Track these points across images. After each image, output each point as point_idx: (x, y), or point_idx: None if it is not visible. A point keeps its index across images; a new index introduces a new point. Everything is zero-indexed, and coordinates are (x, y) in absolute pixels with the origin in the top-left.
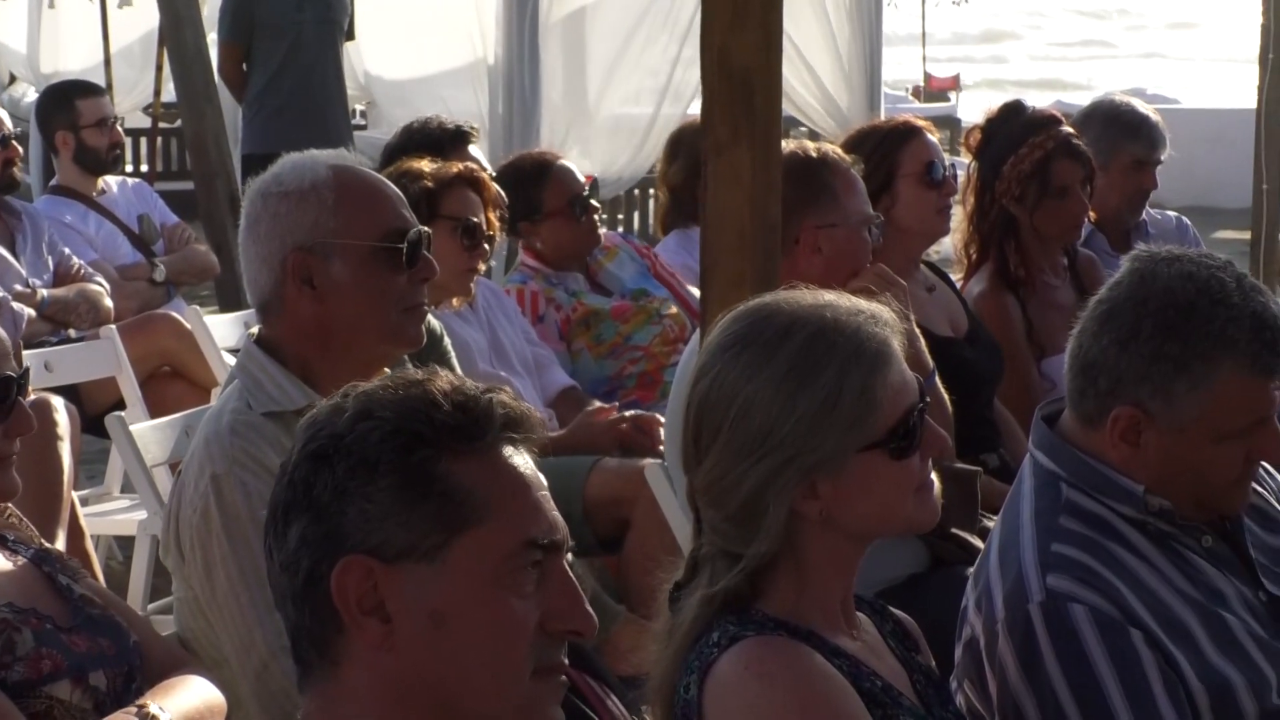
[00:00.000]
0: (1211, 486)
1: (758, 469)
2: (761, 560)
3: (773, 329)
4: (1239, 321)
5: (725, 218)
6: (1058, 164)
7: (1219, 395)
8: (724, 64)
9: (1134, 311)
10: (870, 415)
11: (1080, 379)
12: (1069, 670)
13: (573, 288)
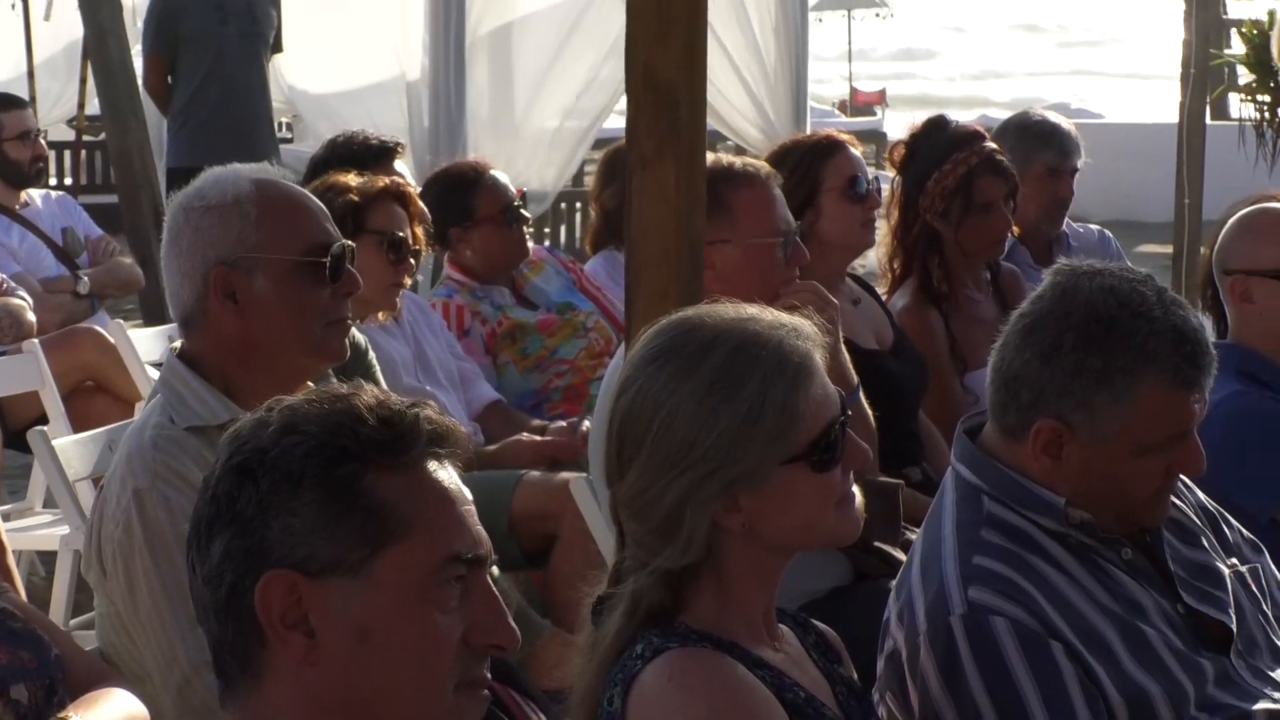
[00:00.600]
0: (1132, 499)
1: (680, 482)
2: (684, 572)
3: (695, 343)
4: (1160, 335)
5: (649, 232)
6: (981, 180)
7: (1140, 408)
8: (649, 79)
9: (1056, 325)
10: (792, 429)
11: (1002, 392)
12: (990, 682)
13: (498, 301)
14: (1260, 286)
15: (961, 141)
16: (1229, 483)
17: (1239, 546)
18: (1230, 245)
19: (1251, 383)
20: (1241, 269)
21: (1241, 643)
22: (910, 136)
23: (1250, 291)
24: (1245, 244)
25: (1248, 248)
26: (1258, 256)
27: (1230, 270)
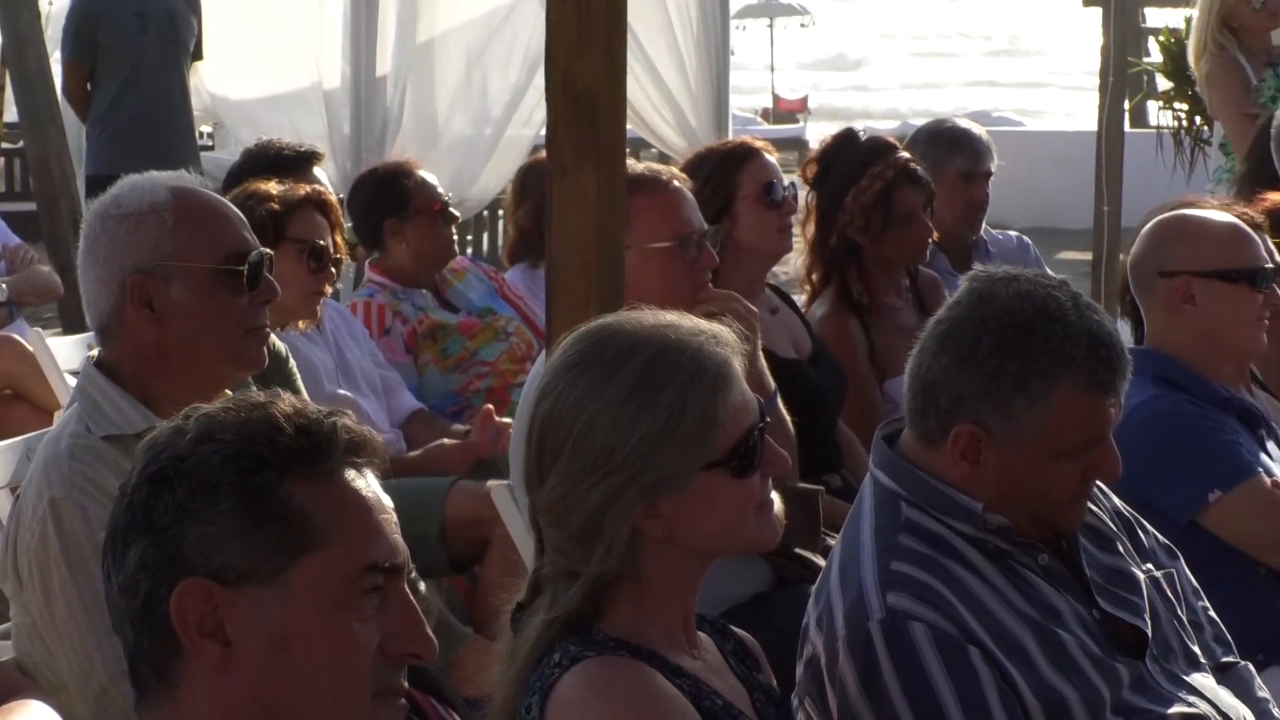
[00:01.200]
0: (1049, 503)
1: (599, 488)
2: (603, 579)
3: (614, 349)
4: (1076, 339)
5: (570, 240)
6: (899, 192)
7: (1057, 412)
8: (569, 87)
9: (973, 331)
10: (711, 434)
11: (920, 398)
12: (908, 687)
13: (420, 303)
14: (1203, 287)
15: (875, 155)
16: (1148, 487)
17: (1154, 552)
18: (1168, 248)
19: (1169, 387)
20: (1186, 270)
21: (1156, 647)
22: (821, 151)
23: (1192, 293)
24: (1188, 246)
25: (1191, 250)
26: (1202, 258)
27: (1171, 272)
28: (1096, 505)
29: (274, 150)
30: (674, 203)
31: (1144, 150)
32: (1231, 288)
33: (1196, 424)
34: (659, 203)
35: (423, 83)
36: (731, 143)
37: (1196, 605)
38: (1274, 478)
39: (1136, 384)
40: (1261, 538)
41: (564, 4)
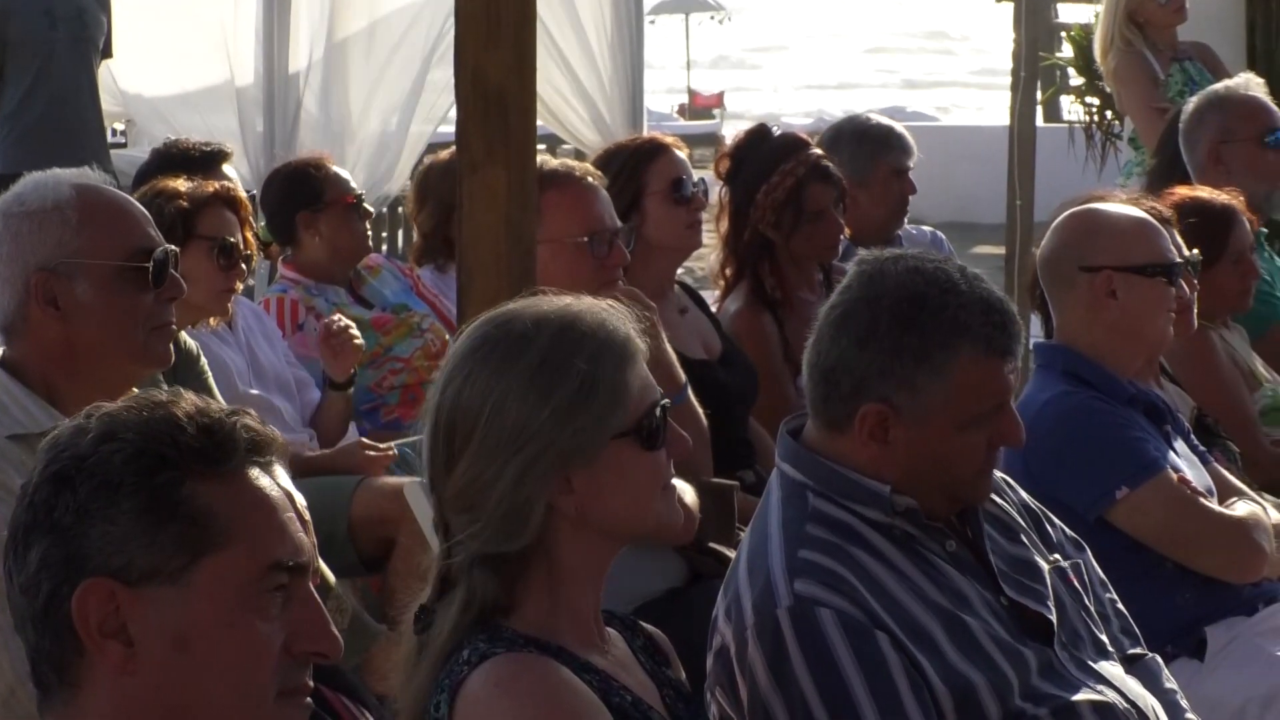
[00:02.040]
0: (958, 476)
1: (514, 463)
2: (516, 565)
3: (517, 329)
4: (969, 307)
5: (481, 236)
6: (810, 189)
7: (959, 381)
8: (478, 83)
9: (868, 310)
10: (622, 403)
11: (822, 385)
12: (817, 673)
13: (334, 299)
14: (1123, 282)
15: (787, 151)
16: (1058, 482)
17: (1061, 544)
18: (1090, 242)
19: (1078, 384)
20: (1109, 265)
21: (1065, 635)
22: (734, 148)
23: (1114, 287)
24: (1110, 241)
25: (1112, 244)
26: (1124, 252)
27: (1094, 266)
28: (1003, 498)
29: (182, 149)
30: (585, 199)
31: (1057, 145)
32: (1150, 282)
33: (1105, 421)
34: (569, 198)
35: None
36: (640, 139)
37: (1104, 597)
38: (1180, 474)
39: (1046, 379)
40: (1167, 533)
41: (472, 0)
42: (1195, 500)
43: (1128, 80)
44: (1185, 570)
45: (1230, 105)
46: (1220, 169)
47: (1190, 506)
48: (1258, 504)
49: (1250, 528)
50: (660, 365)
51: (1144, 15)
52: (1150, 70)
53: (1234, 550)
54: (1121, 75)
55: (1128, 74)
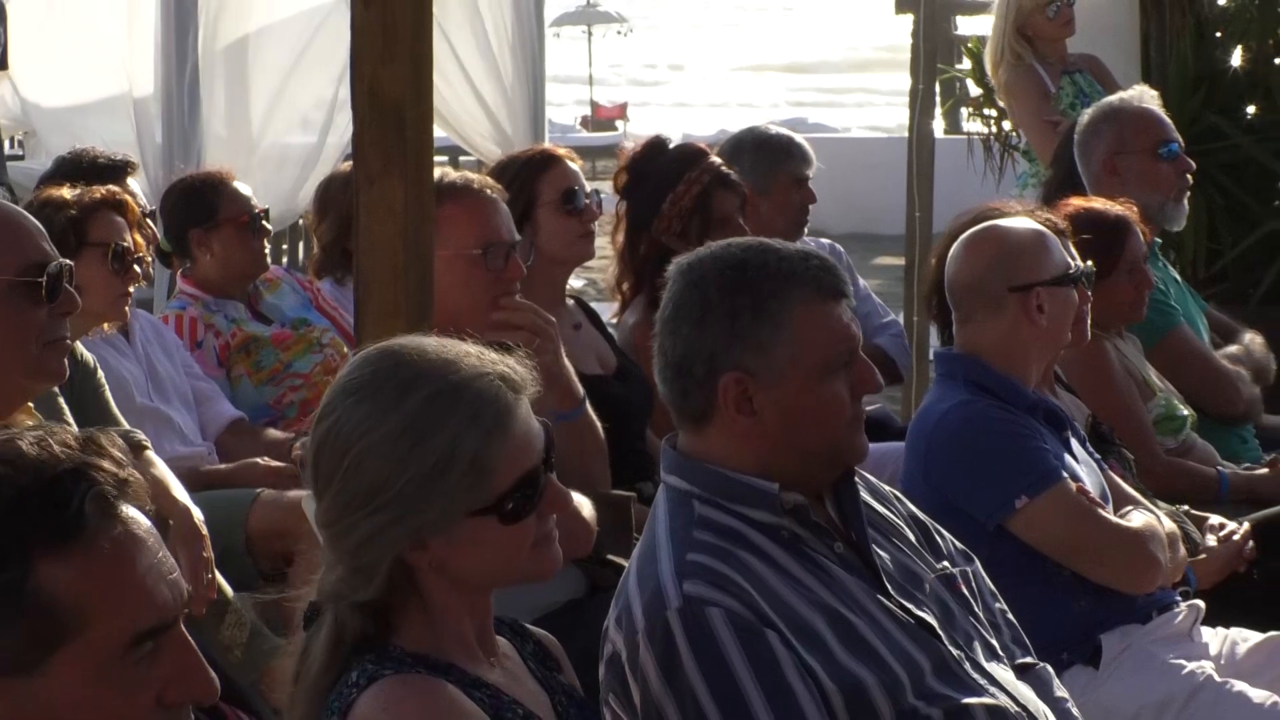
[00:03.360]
0: (831, 432)
1: (366, 523)
2: (387, 601)
3: (395, 382)
4: (789, 259)
5: (378, 249)
6: (716, 196)
7: (800, 327)
8: (374, 95)
9: (696, 291)
10: (481, 482)
11: (678, 381)
12: (708, 672)
13: (233, 315)
14: (1049, 295)
15: (689, 161)
16: (958, 490)
17: (951, 554)
18: (1015, 262)
19: (980, 392)
20: (1037, 281)
21: (959, 639)
22: (631, 160)
23: (1042, 303)
24: (1032, 258)
25: (1034, 261)
26: (1044, 266)
27: (1023, 285)
28: (890, 509)
29: (87, 159)
30: (481, 211)
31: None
32: (1065, 291)
33: (1006, 430)
34: (465, 211)
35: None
36: (532, 150)
37: (994, 606)
38: (1079, 482)
39: (948, 388)
40: (1065, 542)
41: (369, 12)
42: (1093, 510)
43: (1019, 93)
44: (1081, 578)
45: (1124, 117)
46: (1115, 180)
47: (1088, 517)
48: (1152, 513)
49: (1146, 539)
50: (559, 381)
51: (1033, 29)
52: (1041, 83)
53: (1130, 561)
54: (1013, 89)
55: (1019, 87)
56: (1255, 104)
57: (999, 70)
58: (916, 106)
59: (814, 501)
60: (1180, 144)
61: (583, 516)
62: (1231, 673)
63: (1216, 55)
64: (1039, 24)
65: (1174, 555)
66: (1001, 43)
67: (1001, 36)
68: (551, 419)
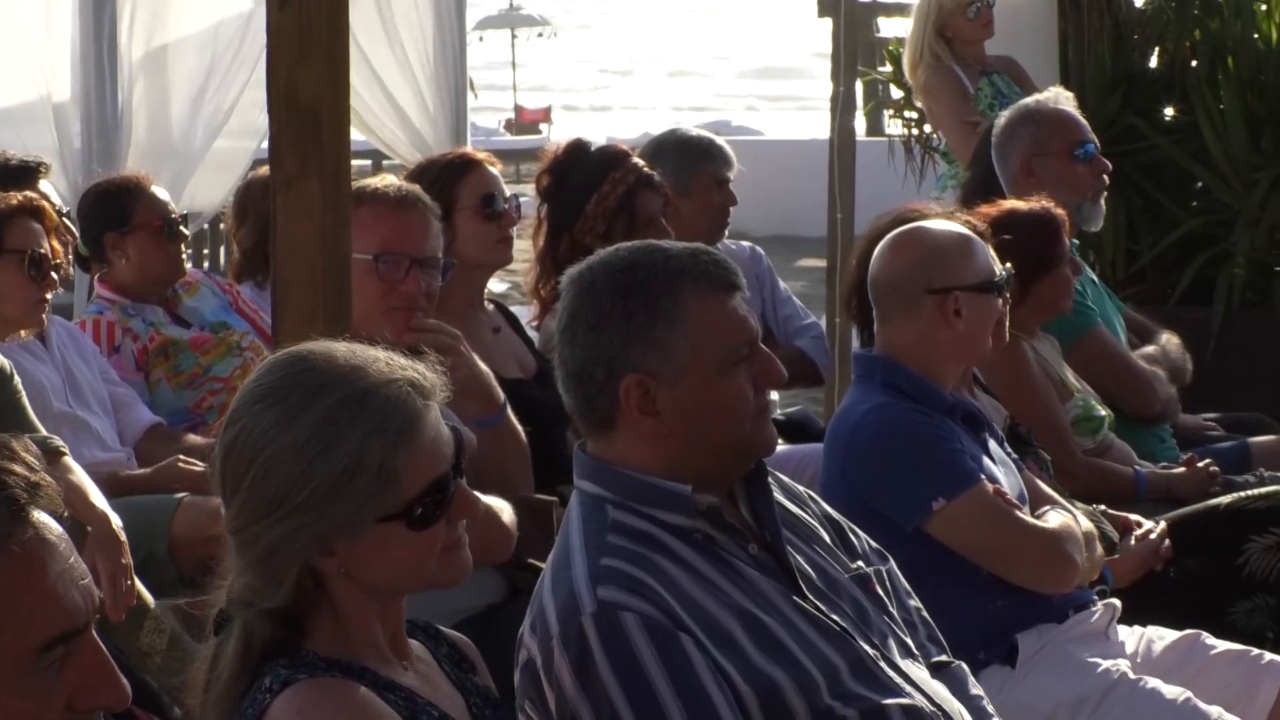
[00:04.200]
0: (737, 426)
1: (273, 530)
2: (287, 609)
3: (302, 389)
4: (678, 256)
5: (295, 251)
6: (641, 197)
7: (696, 323)
8: (291, 97)
9: (589, 297)
10: (389, 489)
11: (580, 389)
12: (622, 677)
13: (151, 319)
14: (968, 300)
15: (613, 162)
16: (876, 493)
17: (866, 554)
18: (934, 264)
19: (898, 395)
20: (955, 285)
21: (875, 639)
22: (554, 163)
23: (960, 307)
24: (952, 262)
25: (955, 265)
26: (965, 272)
27: (941, 288)
28: (805, 509)
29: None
30: (384, 217)
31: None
32: (988, 298)
33: (923, 433)
34: (369, 215)
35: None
36: (452, 154)
37: (909, 605)
38: (996, 484)
39: (865, 390)
40: (982, 544)
41: (284, 14)
42: (1010, 512)
43: (938, 94)
44: (998, 579)
45: (1041, 119)
46: (1032, 182)
47: (1005, 519)
48: (1069, 512)
49: (1063, 540)
50: (477, 389)
51: (953, 30)
52: (960, 84)
53: (1046, 562)
54: (932, 90)
55: (938, 89)
56: (1173, 105)
57: (918, 71)
58: (837, 109)
59: (727, 503)
60: (1096, 145)
61: (502, 523)
62: (1147, 670)
63: (1134, 57)
64: (960, 25)
65: (1090, 555)
66: (921, 44)
67: (921, 38)
68: (472, 426)
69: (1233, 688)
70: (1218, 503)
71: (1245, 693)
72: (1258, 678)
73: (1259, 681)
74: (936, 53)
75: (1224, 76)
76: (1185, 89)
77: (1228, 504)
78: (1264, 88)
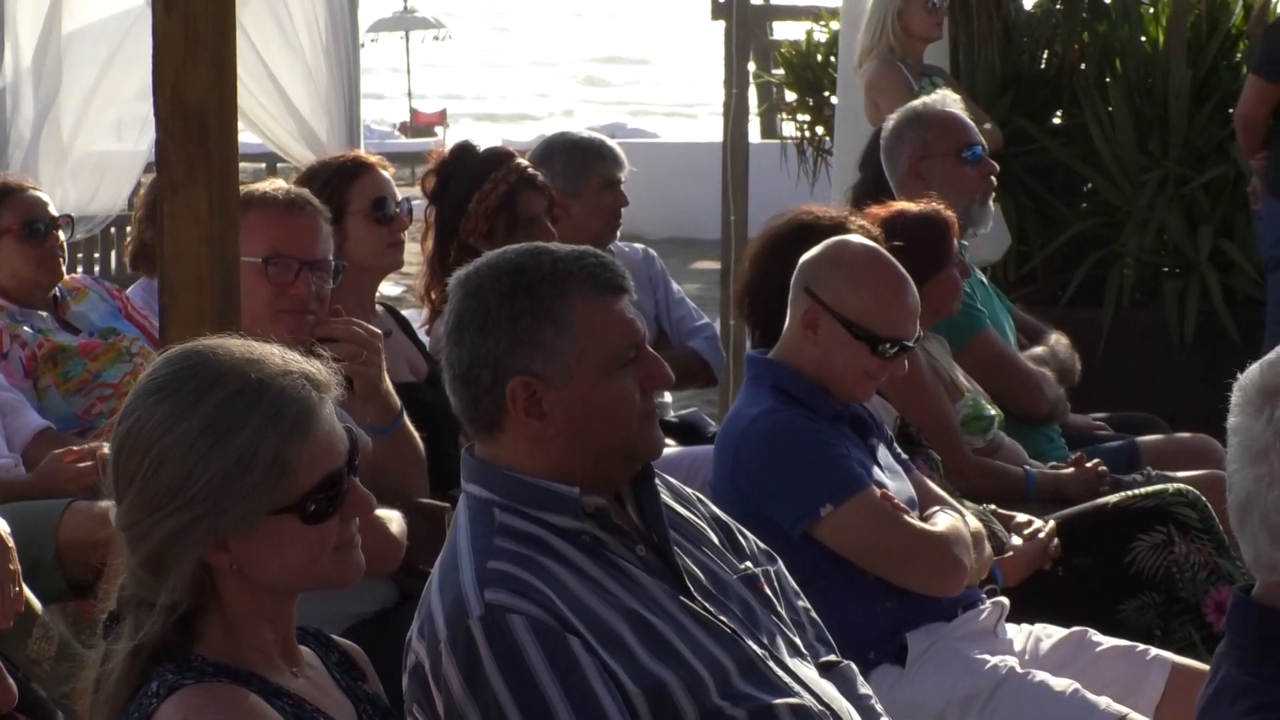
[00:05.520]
0: (623, 429)
1: (166, 524)
2: (181, 608)
3: (196, 381)
4: (564, 259)
5: (183, 256)
6: (523, 195)
7: (582, 325)
8: (177, 101)
9: (475, 300)
10: (283, 480)
11: (467, 392)
12: (510, 679)
13: (39, 325)
14: (830, 325)
15: (496, 162)
16: (765, 499)
17: (754, 555)
18: (824, 272)
19: (787, 400)
20: (824, 300)
21: (765, 639)
22: (440, 164)
23: (818, 323)
24: (839, 280)
25: (839, 285)
26: (844, 300)
27: (813, 294)
28: (693, 511)
29: None
30: (273, 220)
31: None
32: (852, 340)
33: (810, 439)
34: (257, 218)
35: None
36: (343, 157)
37: (797, 605)
38: (884, 489)
39: (755, 393)
40: (870, 549)
41: (170, 18)
42: (897, 517)
43: (885, 90)
44: (886, 581)
45: (928, 121)
46: (920, 184)
47: (892, 523)
48: (958, 512)
49: (951, 542)
50: (378, 395)
51: (906, 21)
52: (907, 82)
53: (935, 566)
54: (879, 85)
55: (886, 84)
56: (1061, 108)
57: (866, 62)
58: (730, 112)
59: (615, 505)
60: (984, 147)
61: (390, 533)
62: (1035, 667)
63: (1024, 60)
64: (916, 16)
65: (979, 555)
66: (879, 31)
67: (881, 25)
68: (370, 434)
69: (1119, 683)
70: (1105, 502)
71: (1132, 687)
72: (1144, 672)
73: (1145, 676)
74: (891, 45)
75: (1112, 79)
76: (1074, 92)
77: (1115, 503)
78: (1151, 90)
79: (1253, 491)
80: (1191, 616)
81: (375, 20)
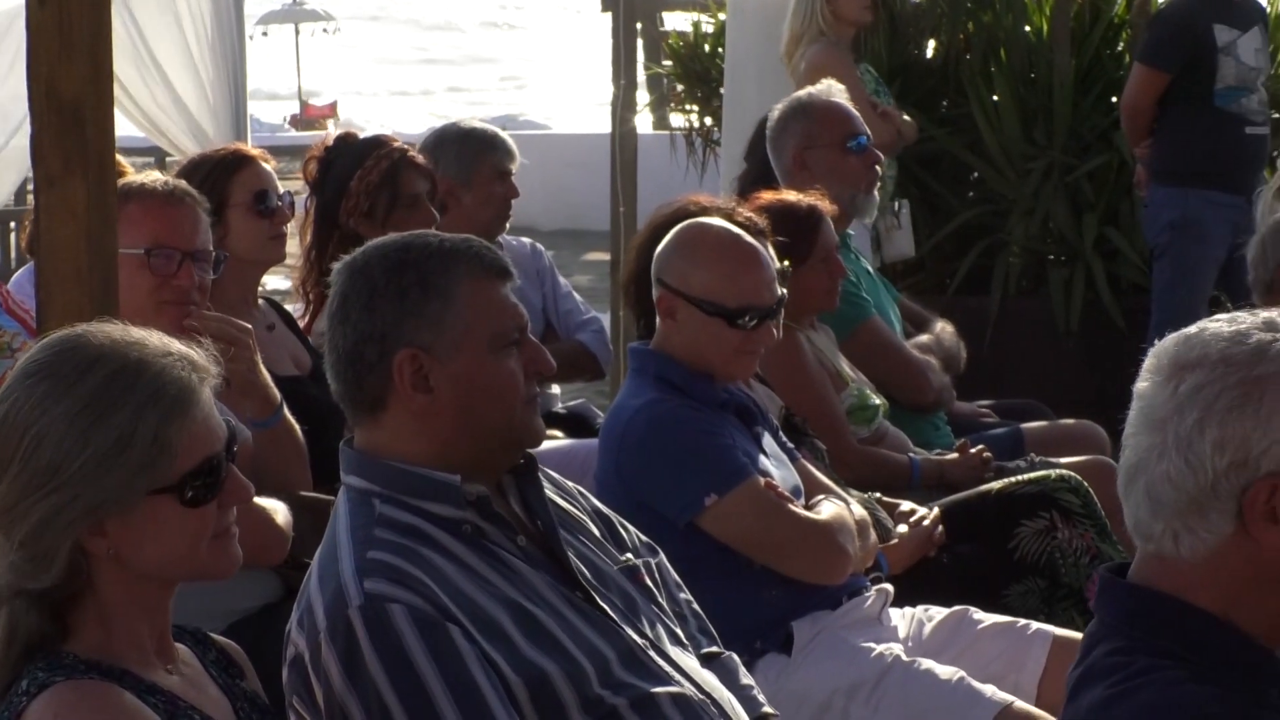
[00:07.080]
0: (507, 410)
1: (44, 504)
2: (62, 598)
3: (75, 362)
4: (450, 240)
5: (60, 250)
6: (404, 174)
7: (469, 300)
8: (52, 96)
9: (362, 278)
10: (162, 460)
11: (350, 370)
12: (390, 668)
13: None
14: (685, 310)
15: (378, 144)
16: (649, 489)
17: (635, 547)
18: (667, 259)
19: (670, 390)
20: (673, 287)
21: (647, 629)
22: (324, 151)
23: (675, 310)
24: (680, 262)
25: (682, 267)
26: (688, 280)
27: (662, 283)
28: (574, 504)
29: None
30: (152, 212)
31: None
32: (707, 319)
33: (694, 429)
34: (137, 210)
35: None
36: (225, 150)
37: (679, 597)
38: (768, 478)
39: (639, 385)
40: (754, 538)
41: (44, 11)
42: (782, 506)
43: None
44: (770, 570)
45: (813, 112)
46: (805, 174)
47: (777, 512)
48: (843, 500)
49: (835, 531)
50: (255, 389)
51: (835, 4)
52: (852, 65)
53: (819, 554)
54: (826, 67)
55: (834, 66)
56: (948, 98)
57: (800, 47)
58: (619, 103)
59: (496, 495)
60: (869, 137)
61: (275, 523)
62: (919, 651)
63: (910, 50)
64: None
65: (864, 543)
66: (807, 18)
67: (809, 12)
68: (250, 427)
69: (1003, 658)
70: (989, 488)
71: (1015, 663)
72: (1026, 646)
73: (1027, 650)
74: (821, 29)
75: (997, 69)
76: (960, 81)
77: (999, 489)
78: (1036, 80)
79: (1144, 459)
80: (1075, 601)
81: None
